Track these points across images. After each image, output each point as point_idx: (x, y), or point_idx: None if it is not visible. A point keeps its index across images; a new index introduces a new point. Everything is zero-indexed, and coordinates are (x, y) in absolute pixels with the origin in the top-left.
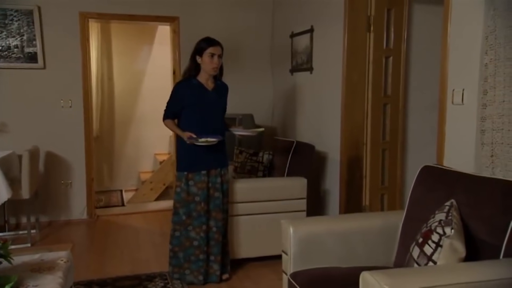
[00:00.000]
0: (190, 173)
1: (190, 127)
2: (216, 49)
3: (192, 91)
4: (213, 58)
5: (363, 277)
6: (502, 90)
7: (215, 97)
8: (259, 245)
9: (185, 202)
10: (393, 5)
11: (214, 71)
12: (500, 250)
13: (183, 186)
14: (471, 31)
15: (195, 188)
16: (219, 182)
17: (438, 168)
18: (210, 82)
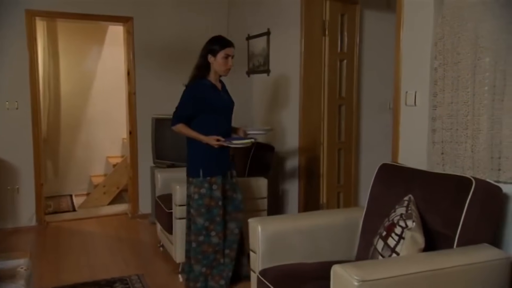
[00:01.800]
0: (213, 177)
1: (208, 131)
2: (231, 50)
3: (208, 93)
4: (228, 59)
5: (334, 270)
6: (450, 93)
7: (226, 97)
8: None
9: (207, 207)
10: (346, 10)
11: (227, 73)
12: (453, 240)
13: (205, 191)
14: (421, 38)
15: (218, 192)
16: (233, 183)
17: (395, 166)
18: (218, 83)
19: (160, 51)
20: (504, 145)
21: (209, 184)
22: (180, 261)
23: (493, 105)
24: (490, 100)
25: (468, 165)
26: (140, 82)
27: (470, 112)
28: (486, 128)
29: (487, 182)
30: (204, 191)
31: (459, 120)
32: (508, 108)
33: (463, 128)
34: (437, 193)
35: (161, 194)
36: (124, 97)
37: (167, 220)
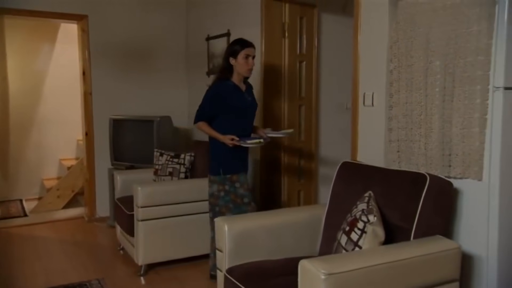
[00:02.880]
0: (234, 175)
1: (227, 130)
2: (251, 50)
3: (230, 93)
4: (248, 59)
5: (302, 265)
6: (404, 94)
7: (249, 98)
8: (185, 246)
9: (234, 203)
10: (305, 13)
11: (249, 73)
12: (410, 232)
13: (228, 188)
14: (377, 41)
15: (242, 190)
16: (248, 183)
17: (354, 164)
18: (242, 84)
19: (117, 50)
20: (454, 143)
21: (230, 182)
22: (143, 263)
23: (444, 106)
24: (441, 101)
25: (422, 162)
26: (96, 82)
27: (423, 112)
28: (438, 127)
29: (439, 178)
30: (228, 188)
31: (413, 119)
32: (457, 108)
33: (417, 127)
34: (394, 188)
35: (121, 196)
36: (79, 97)
37: (128, 222)
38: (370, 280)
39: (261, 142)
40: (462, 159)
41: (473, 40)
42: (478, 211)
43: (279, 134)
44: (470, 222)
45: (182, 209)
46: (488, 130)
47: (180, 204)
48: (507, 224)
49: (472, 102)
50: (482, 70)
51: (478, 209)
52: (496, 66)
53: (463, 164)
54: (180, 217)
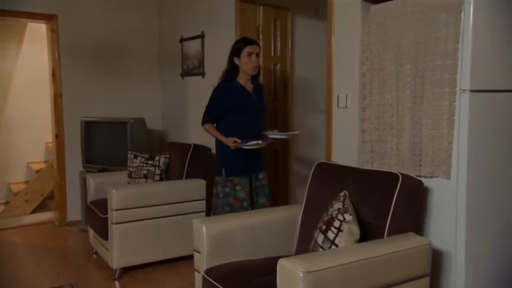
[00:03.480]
0: (236, 178)
1: (233, 131)
2: (254, 47)
3: (234, 94)
4: (251, 57)
5: (280, 264)
6: (377, 96)
7: (255, 98)
8: (161, 248)
9: (231, 207)
10: (279, 16)
11: (253, 71)
12: (384, 230)
13: (228, 191)
14: (351, 45)
15: (242, 193)
16: (259, 186)
17: (330, 164)
18: (249, 84)
19: (89, 51)
20: (424, 143)
21: (232, 184)
22: (117, 267)
23: (414, 107)
24: (412, 103)
25: (394, 162)
26: (67, 83)
27: (394, 113)
28: (409, 128)
29: (411, 177)
30: (228, 190)
31: (385, 120)
32: (427, 110)
33: (389, 128)
34: (368, 188)
35: (94, 199)
36: (48, 98)
37: (102, 225)
38: (346, 277)
39: (260, 144)
40: (432, 159)
41: (441, 45)
42: (446, 209)
43: (281, 136)
44: (440, 219)
45: (158, 212)
46: (455, 131)
47: (156, 206)
48: (474, 220)
49: (441, 104)
50: (450, 74)
51: (447, 206)
52: (462, 69)
53: (433, 164)
54: (156, 219)
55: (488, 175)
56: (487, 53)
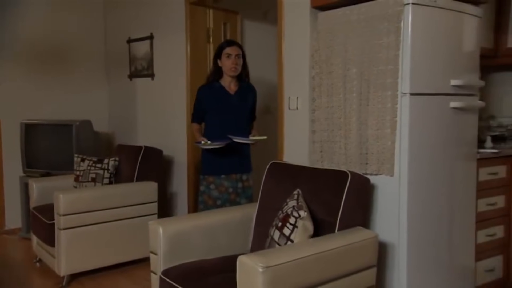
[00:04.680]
0: (210, 177)
1: (212, 131)
2: (233, 49)
3: (213, 95)
4: (230, 58)
5: (240, 260)
6: (326, 98)
7: (237, 100)
8: (111, 253)
9: (206, 205)
10: (229, 19)
11: (232, 72)
12: (335, 225)
13: (203, 189)
14: (300, 49)
15: (217, 192)
16: (240, 187)
17: (283, 164)
18: (233, 85)
19: (28, 51)
20: (370, 143)
21: (206, 183)
22: (65, 274)
23: (360, 109)
24: (358, 105)
25: (342, 161)
26: (3, 84)
27: (342, 115)
28: (355, 129)
29: (359, 175)
30: (203, 188)
31: (334, 122)
32: (372, 111)
33: (337, 129)
34: (320, 186)
35: (37, 205)
36: None
37: (47, 232)
38: (302, 270)
39: (219, 145)
40: (377, 157)
41: (384, 51)
42: (390, 204)
43: (246, 140)
44: (384, 213)
45: (108, 216)
46: (398, 131)
47: (106, 210)
48: (414, 214)
49: (384, 106)
50: (392, 78)
51: (391, 202)
52: (403, 74)
53: (378, 162)
54: (106, 223)
55: (428, 172)
56: (424, 60)
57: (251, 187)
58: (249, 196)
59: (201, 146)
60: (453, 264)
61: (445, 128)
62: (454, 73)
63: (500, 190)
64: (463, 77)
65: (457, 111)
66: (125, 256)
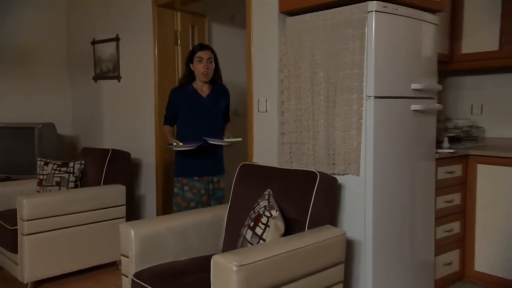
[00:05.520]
0: (184, 179)
1: (183, 133)
2: (204, 53)
3: (186, 97)
4: (202, 62)
5: (214, 260)
6: (294, 101)
7: (209, 103)
8: (77, 258)
9: (180, 207)
10: (196, 22)
11: (204, 77)
12: (305, 224)
13: (177, 191)
14: (269, 53)
15: (190, 194)
16: (211, 189)
17: (253, 165)
18: (205, 88)
19: None
20: (337, 144)
21: (180, 185)
22: (29, 281)
23: (328, 112)
24: (325, 108)
25: (311, 162)
26: None
27: (310, 117)
28: (323, 131)
29: (327, 175)
30: (177, 190)
31: (302, 124)
32: (339, 114)
33: (306, 130)
34: (290, 186)
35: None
36: None
37: (9, 238)
38: (275, 268)
39: (191, 146)
40: (344, 158)
41: (349, 56)
42: (357, 202)
43: (221, 142)
44: (351, 212)
45: (74, 220)
46: (363, 133)
47: (72, 214)
48: (379, 212)
49: (351, 109)
50: (357, 82)
51: (357, 200)
52: (367, 78)
53: (345, 162)
54: (72, 228)
55: (391, 171)
56: (387, 64)
57: (223, 189)
58: (220, 198)
59: (173, 148)
60: (414, 259)
61: (407, 129)
62: (414, 77)
63: (456, 188)
64: (422, 81)
65: (418, 113)
66: (92, 261)
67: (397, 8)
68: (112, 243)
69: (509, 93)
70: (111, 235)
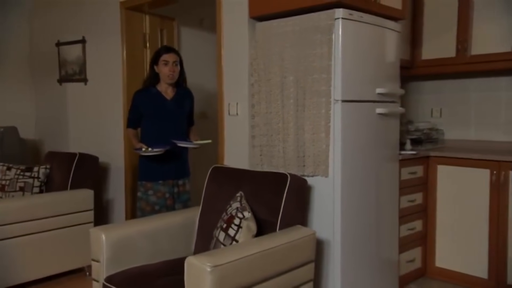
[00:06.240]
0: (148, 183)
1: (148, 136)
2: (171, 56)
3: (149, 100)
4: (167, 65)
5: (188, 262)
6: (265, 104)
7: (174, 106)
8: (43, 265)
9: (143, 211)
10: (165, 25)
11: (169, 79)
12: (276, 225)
13: (141, 195)
14: (240, 57)
15: (154, 198)
16: (176, 192)
17: (225, 168)
18: (169, 91)
19: None
20: (306, 147)
21: (144, 189)
22: None
23: (297, 115)
24: (295, 111)
25: (281, 164)
26: None
27: (280, 120)
28: (293, 133)
29: (297, 176)
30: (140, 194)
31: (272, 127)
32: (308, 117)
33: (276, 133)
34: (261, 187)
35: None
36: None
37: None
38: (248, 267)
39: (158, 151)
40: (313, 160)
41: (318, 61)
42: (326, 203)
43: (190, 145)
44: (321, 212)
45: (40, 226)
46: (331, 135)
47: (37, 220)
48: (347, 212)
49: (319, 112)
50: (326, 86)
51: (326, 201)
52: (335, 82)
53: (314, 164)
54: (37, 234)
55: (358, 172)
56: (353, 69)
57: (188, 192)
58: (185, 201)
59: (141, 153)
60: (380, 256)
61: (372, 132)
62: (379, 82)
63: (418, 188)
64: (386, 86)
65: (382, 116)
66: (59, 268)
67: (362, 16)
68: (80, 248)
69: (466, 98)
70: (79, 241)
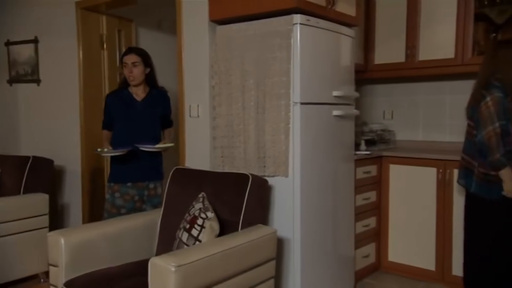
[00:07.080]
0: (116, 185)
1: (119, 138)
2: (128, 57)
3: (120, 102)
4: (126, 67)
5: (152, 262)
6: (226, 107)
7: (144, 107)
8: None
9: (109, 214)
10: (123, 27)
11: (130, 81)
12: (238, 224)
13: (108, 197)
14: (200, 59)
15: (121, 200)
16: (146, 195)
17: (186, 169)
18: (140, 92)
19: None
20: (267, 148)
21: (111, 191)
22: None
23: (258, 117)
24: (256, 113)
25: (242, 165)
26: None
27: (241, 122)
28: (254, 135)
29: (258, 177)
30: (107, 196)
31: (234, 128)
32: (268, 119)
33: (237, 135)
34: (223, 188)
35: None
36: None
37: None
38: (212, 267)
39: (117, 152)
40: (273, 161)
41: (277, 64)
42: (286, 202)
43: (151, 149)
44: (281, 211)
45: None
46: (291, 136)
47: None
48: (306, 211)
49: (279, 114)
50: (285, 89)
51: (286, 200)
52: (294, 85)
53: (274, 165)
54: None
55: (316, 172)
56: (311, 73)
57: (159, 196)
58: (155, 205)
59: (100, 153)
60: (337, 253)
61: (329, 133)
62: (335, 85)
63: (372, 187)
64: (342, 89)
65: (339, 118)
66: (12, 275)
67: (318, 22)
68: (34, 254)
69: (415, 100)
70: (34, 246)
